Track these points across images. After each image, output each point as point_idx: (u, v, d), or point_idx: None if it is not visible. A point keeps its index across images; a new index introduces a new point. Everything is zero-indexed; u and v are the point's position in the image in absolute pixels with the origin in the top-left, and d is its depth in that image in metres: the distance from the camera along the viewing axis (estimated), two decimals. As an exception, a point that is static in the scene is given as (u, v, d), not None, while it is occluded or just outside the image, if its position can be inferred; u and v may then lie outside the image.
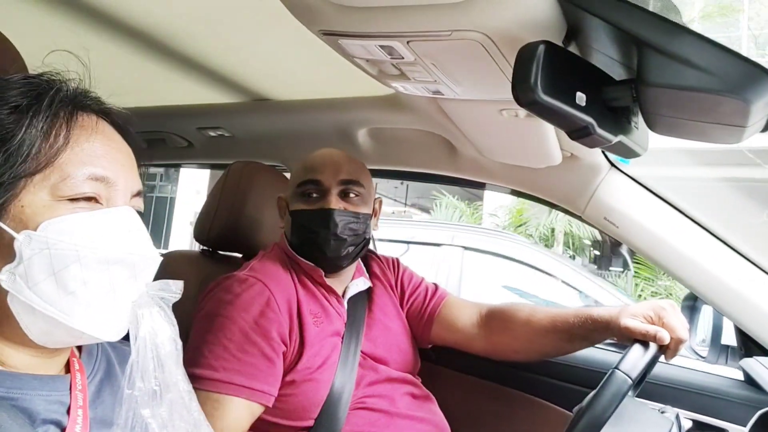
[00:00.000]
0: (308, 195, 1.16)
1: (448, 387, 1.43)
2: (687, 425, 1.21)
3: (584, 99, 0.62)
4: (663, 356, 0.98)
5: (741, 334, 1.22)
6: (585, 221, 1.33)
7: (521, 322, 1.21)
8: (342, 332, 1.15)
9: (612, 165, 1.24)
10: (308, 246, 1.15)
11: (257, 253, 1.22)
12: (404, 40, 0.76)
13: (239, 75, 1.37)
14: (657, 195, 1.21)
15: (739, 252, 1.15)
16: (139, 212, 0.63)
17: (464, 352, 1.30)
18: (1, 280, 0.55)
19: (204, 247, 1.44)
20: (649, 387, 1.15)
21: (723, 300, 1.14)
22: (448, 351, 1.32)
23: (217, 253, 1.45)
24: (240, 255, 1.47)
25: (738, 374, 1.27)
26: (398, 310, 1.31)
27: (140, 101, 1.56)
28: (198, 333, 1.04)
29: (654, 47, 0.56)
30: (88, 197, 0.58)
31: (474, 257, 3.43)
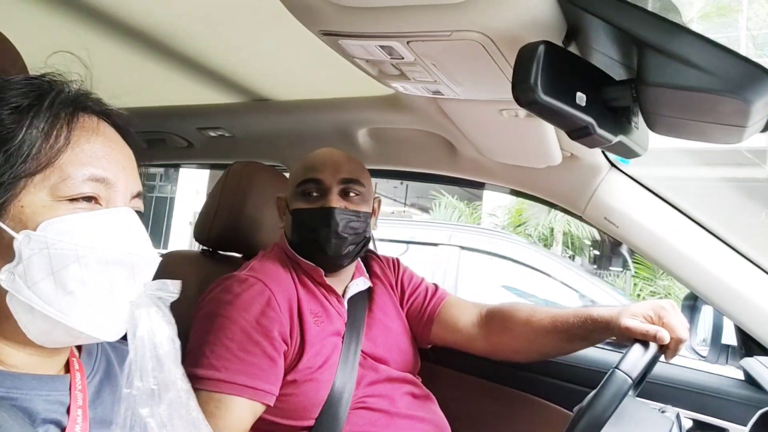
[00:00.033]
0: (309, 194, 1.16)
1: (448, 387, 1.42)
2: (687, 425, 1.21)
3: (584, 99, 0.63)
4: (663, 356, 0.98)
5: (741, 334, 1.22)
6: (585, 221, 1.33)
7: (521, 323, 1.21)
8: (342, 332, 1.15)
9: (612, 165, 1.24)
10: (309, 245, 1.15)
11: (257, 253, 1.22)
12: (404, 41, 0.76)
13: (239, 75, 1.37)
14: (657, 195, 1.21)
15: (739, 252, 1.15)
16: (139, 212, 0.64)
17: (464, 352, 1.30)
18: (1, 280, 0.55)
19: (204, 247, 1.44)
20: (650, 387, 1.15)
21: (723, 299, 1.14)
22: (448, 351, 1.32)
23: (217, 253, 1.45)
24: (240, 255, 1.47)
25: (738, 374, 1.27)
26: (398, 310, 1.31)
27: (140, 101, 1.56)
28: (199, 333, 1.03)
29: (654, 47, 0.57)
30: (88, 198, 0.58)
31: (471, 257, 3.43)
